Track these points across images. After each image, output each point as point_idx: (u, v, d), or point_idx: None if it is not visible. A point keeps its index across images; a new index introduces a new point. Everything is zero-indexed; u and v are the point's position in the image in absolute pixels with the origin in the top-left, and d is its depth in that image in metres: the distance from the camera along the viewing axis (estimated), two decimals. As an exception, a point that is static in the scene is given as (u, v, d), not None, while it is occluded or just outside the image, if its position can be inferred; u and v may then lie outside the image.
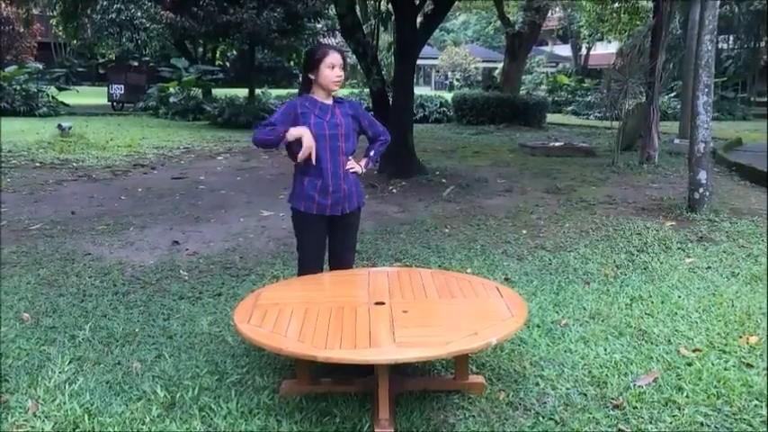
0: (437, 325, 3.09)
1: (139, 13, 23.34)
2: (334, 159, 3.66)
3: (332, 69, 3.57)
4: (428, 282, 3.59)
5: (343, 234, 3.87)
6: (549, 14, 25.42)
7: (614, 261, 5.55)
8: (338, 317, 3.07)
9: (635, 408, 3.12)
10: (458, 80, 43.48)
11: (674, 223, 6.85)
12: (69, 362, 3.57)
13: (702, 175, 7.28)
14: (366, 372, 3.14)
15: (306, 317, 3.07)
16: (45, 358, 3.62)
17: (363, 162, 3.86)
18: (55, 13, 26.91)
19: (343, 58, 3.65)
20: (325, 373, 3.25)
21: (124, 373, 3.47)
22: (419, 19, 9.71)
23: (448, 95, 22.95)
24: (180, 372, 3.47)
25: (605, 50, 37.34)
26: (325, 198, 3.66)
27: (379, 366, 2.89)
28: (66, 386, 3.29)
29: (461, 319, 3.14)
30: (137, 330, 4.05)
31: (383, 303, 3.24)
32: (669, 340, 3.87)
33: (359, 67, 10.00)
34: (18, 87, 20.29)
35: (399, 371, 3.24)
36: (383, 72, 10.27)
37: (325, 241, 3.85)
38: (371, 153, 3.93)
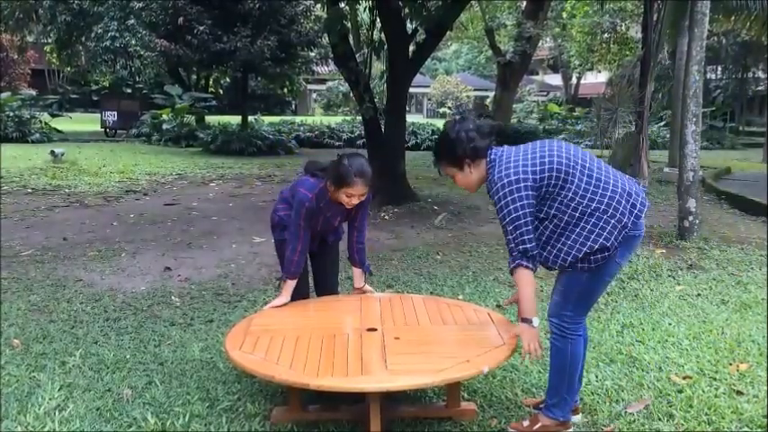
0: (429, 352, 3.08)
1: (134, 41, 23.49)
2: (323, 230, 3.77)
3: (348, 197, 3.46)
4: (420, 308, 3.61)
5: (324, 256, 3.94)
6: (540, 44, 25.71)
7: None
8: (330, 343, 3.07)
9: (626, 435, 3.13)
10: (449, 108, 43.78)
11: (664, 251, 6.90)
12: (59, 388, 3.55)
13: (692, 204, 7.34)
14: (358, 398, 3.14)
15: (297, 343, 3.08)
16: (35, 385, 3.60)
17: (363, 278, 3.95)
18: (49, 41, 27.10)
19: (370, 186, 3.50)
20: (316, 400, 3.24)
21: (114, 399, 3.45)
22: (411, 48, 9.81)
23: (440, 123, 23.09)
24: (171, 398, 3.46)
25: (595, 80, 37.82)
26: None
27: (371, 394, 2.89)
28: (57, 413, 3.27)
29: (453, 347, 3.15)
30: (127, 357, 4.04)
31: (375, 330, 3.25)
32: (660, 367, 3.89)
33: (351, 94, 10.07)
34: (11, 114, 20.31)
35: (391, 398, 3.23)
36: (376, 100, 10.35)
37: (307, 266, 3.90)
38: (366, 264, 3.96)
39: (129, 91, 31.46)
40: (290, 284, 3.65)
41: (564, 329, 2.99)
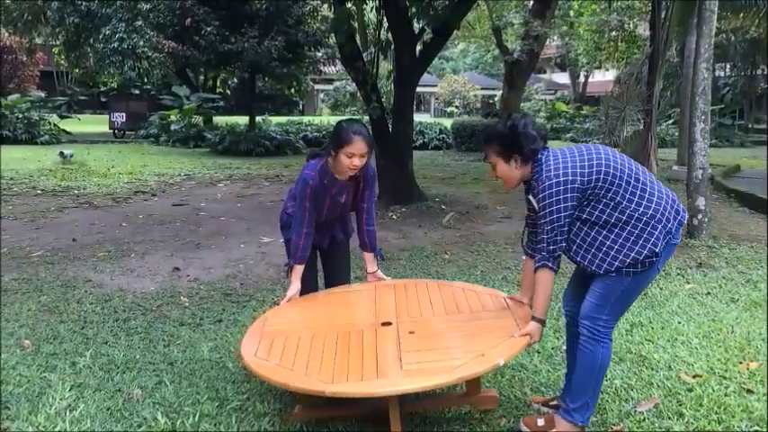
0: (444, 347, 3.04)
1: (142, 42, 23.54)
2: (330, 217, 3.74)
3: (349, 158, 3.41)
4: (435, 295, 3.59)
5: (334, 253, 3.93)
6: (548, 43, 25.62)
7: (614, 287, 5.55)
8: (345, 343, 3.06)
9: (636, 434, 3.12)
10: (457, 107, 43.75)
11: (673, 249, 6.86)
12: (70, 389, 3.57)
13: (701, 202, 7.31)
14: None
15: (312, 345, 3.06)
16: (46, 385, 3.62)
17: (375, 263, 3.93)
18: (58, 43, 27.18)
19: (369, 146, 3.47)
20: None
21: (125, 399, 3.47)
22: (418, 47, 9.81)
23: (447, 122, 23.08)
24: (180, 398, 3.47)
25: (603, 78, 37.72)
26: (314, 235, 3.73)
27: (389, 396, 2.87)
28: (67, 413, 3.29)
29: (469, 339, 3.07)
30: (137, 357, 4.06)
31: (390, 324, 3.24)
32: (669, 366, 3.88)
33: (359, 94, 10.07)
34: (20, 115, 20.39)
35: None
36: (383, 99, 10.35)
37: (316, 262, 3.91)
38: (377, 250, 3.95)
39: (137, 92, 31.53)
40: (298, 270, 3.64)
41: (597, 333, 2.95)
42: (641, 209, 2.82)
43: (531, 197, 3.04)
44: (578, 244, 2.92)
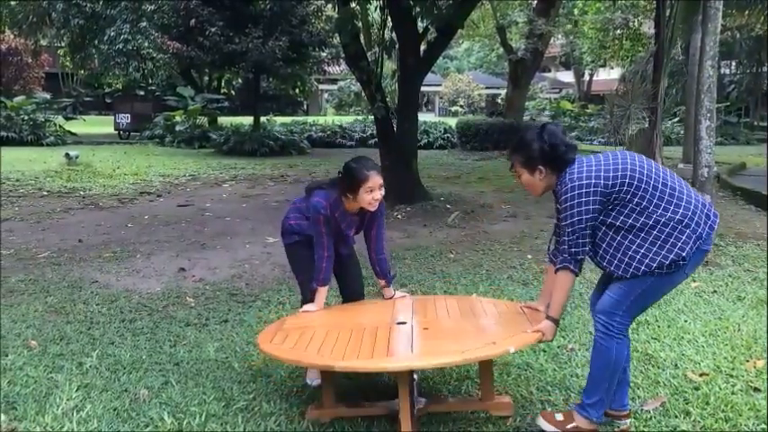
0: (457, 338, 3.05)
1: (146, 44, 23.59)
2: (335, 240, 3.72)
3: (370, 193, 3.47)
4: (452, 304, 3.61)
5: (341, 260, 3.87)
6: (552, 41, 25.59)
7: (620, 286, 5.53)
8: (358, 336, 3.09)
9: (642, 432, 3.11)
10: (461, 106, 43.72)
11: (679, 247, 6.84)
12: (77, 389, 3.57)
13: (706, 200, 7.28)
14: (391, 395, 3.14)
15: (326, 337, 3.10)
16: (53, 385, 3.63)
17: (391, 289, 3.87)
18: (63, 44, 27.26)
19: (381, 176, 3.52)
20: (349, 397, 3.25)
21: (131, 400, 3.47)
22: (422, 47, 9.81)
23: (452, 121, 23.06)
24: (187, 398, 3.48)
25: (608, 76, 37.64)
26: None
27: (399, 377, 2.89)
28: (74, 413, 3.29)
29: (482, 332, 3.12)
30: (144, 357, 4.06)
31: (404, 323, 3.25)
32: (676, 364, 3.86)
33: (363, 94, 10.06)
34: (26, 117, 20.46)
35: (423, 393, 3.26)
36: (387, 99, 10.35)
37: None
38: (389, 276, 3.87)
39: (141, 93, 31.61)
40: (322, 292, 3.64)
41: (611, 329, 2.94)
42: (669, 213, 2.80)
43: (558, 205, 3.01)
44: (604, 249, 2.90)
